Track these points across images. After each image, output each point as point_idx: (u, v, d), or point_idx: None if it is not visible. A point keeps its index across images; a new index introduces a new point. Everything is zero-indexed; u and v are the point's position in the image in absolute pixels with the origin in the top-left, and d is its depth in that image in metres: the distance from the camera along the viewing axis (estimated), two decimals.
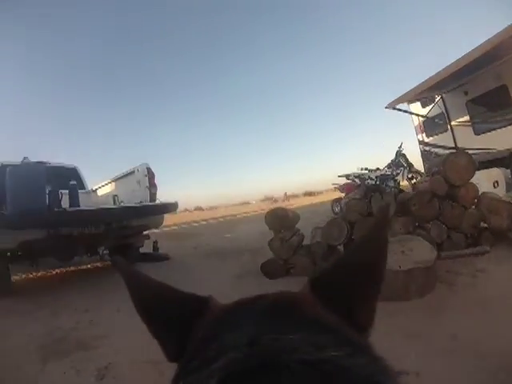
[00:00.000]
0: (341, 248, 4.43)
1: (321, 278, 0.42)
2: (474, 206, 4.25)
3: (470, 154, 4.23)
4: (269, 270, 4.48)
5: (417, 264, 3.01)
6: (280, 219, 4.65)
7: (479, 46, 6.35)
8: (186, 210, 41.06)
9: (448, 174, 4.13)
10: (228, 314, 0.39)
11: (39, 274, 6.13)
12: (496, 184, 6.37)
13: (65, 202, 5.01)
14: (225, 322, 0.36)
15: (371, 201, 4.43)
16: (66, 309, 3.87)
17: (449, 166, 4.16)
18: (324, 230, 4.42)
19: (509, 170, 7.29)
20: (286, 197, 38.25)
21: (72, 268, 6.55)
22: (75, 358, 2.60)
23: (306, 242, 4.82)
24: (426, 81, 7.85)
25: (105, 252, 6.52)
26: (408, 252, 3.27)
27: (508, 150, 7.32)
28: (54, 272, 6.32)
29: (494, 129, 7.81)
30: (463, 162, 4.14)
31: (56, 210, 4.33)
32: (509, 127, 7.54)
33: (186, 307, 0.42)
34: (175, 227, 15.35)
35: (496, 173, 6.61)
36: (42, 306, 4.01)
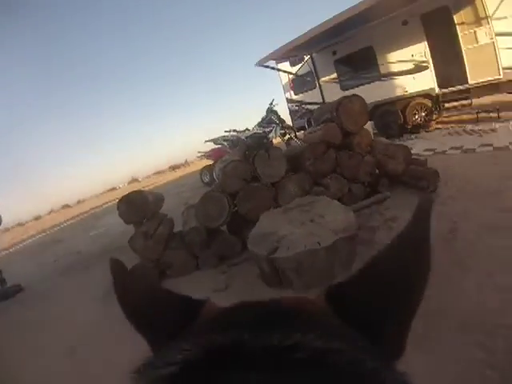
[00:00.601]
0: (224, 229, 3.60)
1: (339, 289, 0.34)
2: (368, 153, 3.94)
3: (363, 98, 3.88)
4: None
5: (337, 234, 2.38)
6: (137, 207, 3.45)
7: (346, 10, 6.73)
8: (52, 211, 36.53)
9: (343, 120, 3.71)
10: (217, 317, 0.33)
11: None
12: None
13: None
14: (209, 325, 0.32)
15: (255, 161, 3.57)
16: None
17: (343, 111, 3.74)
18: (198, 210, 3.43)
19: (371, 122, 7.78)
20: (187, 163, 31.78)
21: None
22: None
23: (178, 226, 3.86)
24: (294, 40, 7.98)
25: None
26: (319, 219, 2.64)
27: (371, 103, 7.72)
28: None
29: (359, 85, 8.34)
30: (357, 107, 3.79)
31: None
32: (372, 84, 8.25)
33: (177, 312, 0.37)
34: (43, 234, 13.61)
35: None
36: None
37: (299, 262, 2.32)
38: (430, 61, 7.59)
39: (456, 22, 7.08)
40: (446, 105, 8.07)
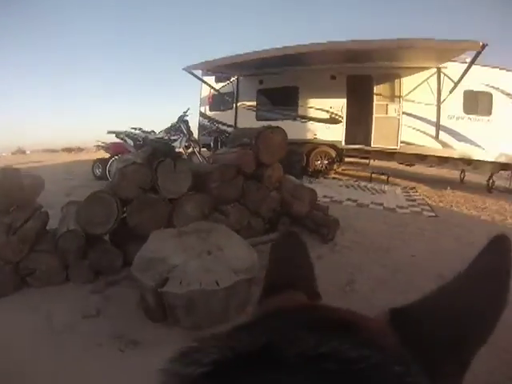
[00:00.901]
0: (107, 238, 3.02)
1: (407, 312, 0.32)
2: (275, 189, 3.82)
3: (285, 132, 3.79)
4: None
5: (238, 274, 2.11)
6: (5, 190, 2.57)
7: (280, 48, 7.36)
8: None
9: (260, 149, 3.53)
10: (276, 313, 0.33)
11: None
12: None
13: None
14: (260, 321, 0.32)
15: (157, 169, 3.08)
16: None
17: (262, 140, 3.57)
18: (81, 210, 2.78)
19: None
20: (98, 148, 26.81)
21: None
22: None
23: (53, 223, 3.10)
24: (227, 58, 8.20)
25: None
26: (217, 252, 2.31)
27: None
28: None
29: (275, 119, 8.46)
30: (279, 139, 3.67)
31: None
32: (287, 121, 8.50)
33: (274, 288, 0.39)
34: None
35: None
36: None
37: (192, 300, 1.97)
38: (345, 117, 8.35)
39: (374, 91, 8.14)
40: (347, 159, 8.86)
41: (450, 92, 7.44)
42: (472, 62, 6.61)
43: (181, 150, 8.25)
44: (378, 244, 3.59)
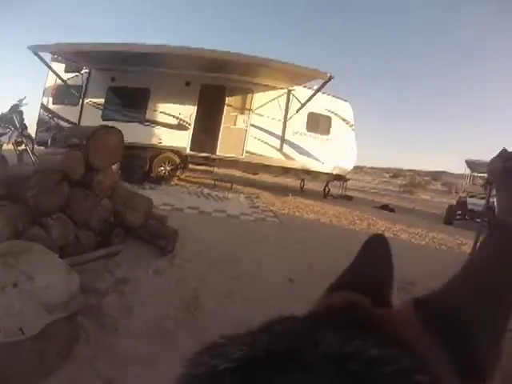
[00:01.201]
0: None
1: (431, 302, 0.31)
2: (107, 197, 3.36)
3: (122, 134, 3.43)
4: None
5: (52, 313, 1.62)
6: None
7: (136, 44, 7.45)
8: None
9: (91, 152, 3.08)
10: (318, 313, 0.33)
11: None
12: None
13: None
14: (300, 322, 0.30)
15: None
16: None
17: (95, 142, 3.13)
18: None
19: None
20: None
21: None
22: None
23: None
24: (78, 44, 7.68)
25: None
26: (26, 284, 1.69)
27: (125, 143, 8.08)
28: None
29: (121, 121, 8.04)
30: (114, 141, 3.30)
31: None
32: (133, 124, 8.33)
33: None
34: None
35: None
36: None
37: None
38: (192, 124, 8.46)
39: (226, 102, 8.57)
40: (192, 166, 9.04)
41: (297, 111, 8.54)
42: (319, 89, 7.83)
43: (10, 145, 7.07)
44: (222, 254, 3.51)
